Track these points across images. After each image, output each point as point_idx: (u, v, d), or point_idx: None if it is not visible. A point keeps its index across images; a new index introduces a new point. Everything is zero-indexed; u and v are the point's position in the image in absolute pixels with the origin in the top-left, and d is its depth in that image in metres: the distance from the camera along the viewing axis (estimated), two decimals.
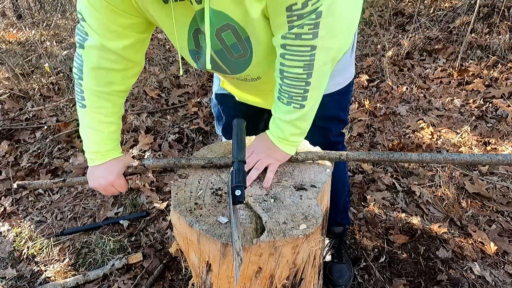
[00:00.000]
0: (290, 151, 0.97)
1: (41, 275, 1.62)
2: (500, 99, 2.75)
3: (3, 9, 5.56)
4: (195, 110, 2.79)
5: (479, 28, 3.57)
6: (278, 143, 0.95)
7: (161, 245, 1.71)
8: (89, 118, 0.99)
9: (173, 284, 1.53)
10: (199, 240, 0.84)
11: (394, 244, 1.66)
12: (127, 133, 2.48)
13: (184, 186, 0.96)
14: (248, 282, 0.88)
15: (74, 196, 2.08)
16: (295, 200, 0.90)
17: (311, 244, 0.87)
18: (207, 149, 1.12)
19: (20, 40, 4.73)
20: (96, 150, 1.02)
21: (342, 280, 1.46)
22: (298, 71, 0.83)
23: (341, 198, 1.46)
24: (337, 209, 1.44)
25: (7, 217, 1.97)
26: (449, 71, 3.20)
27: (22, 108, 2.90)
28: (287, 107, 0.90)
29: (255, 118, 1.34)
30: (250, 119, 1.29)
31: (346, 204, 1.52)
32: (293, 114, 0.90)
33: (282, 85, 0.88)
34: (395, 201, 1.91)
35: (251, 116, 1.29)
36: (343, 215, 1.53)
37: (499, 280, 1.49)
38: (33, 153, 2.41)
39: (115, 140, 1.05)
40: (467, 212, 1.80)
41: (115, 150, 1.05)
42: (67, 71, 3.40)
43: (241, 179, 0.84)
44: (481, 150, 2.27)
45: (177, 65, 3.55)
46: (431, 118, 2.64)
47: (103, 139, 1.01)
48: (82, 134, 1.03)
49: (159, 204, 1.95)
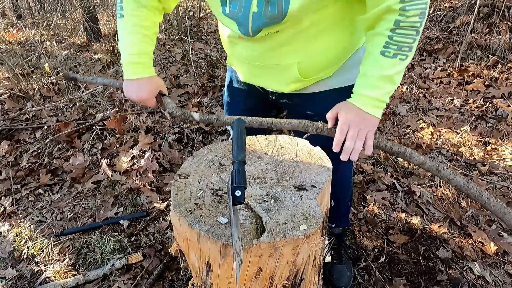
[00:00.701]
0: (379, 114, 0.98)
1: (41, 275, 1.62)
2: (500, 99, 2.75)
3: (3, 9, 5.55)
4: (195, 110, 2.79)
5: (479, 28, 3.57)
6: (371, 108, 0.95)
7: (161, 245, 1.71)
8: (126, 23, 1.08)
9: (173, 284, 1.53)
10: (199, 240, 0.84)
11: (394, 244, 1.66)
12: (127, 133, 2.48)
13: (184, 186, 0.96)
14: (248, 282, 0.88)
15: (74, 196, 2.08)
16: (295, 201, 0.90)
17: (311, 244, 0.87)
18: (207, 149, 1.12)
19: (20, 40, 4.73)
20: (132, 53, 1.08)
21: (342, 281, 1.46)
22: (415, 19, 0.86)
23: (343, 202, 1.46)
24: (337, 212, 1.44)
25: (7, 217, 1.97)
26: (449, 71, 3.21)
27: (22, 108, 2.90)
28: (391, 61, 0.90)
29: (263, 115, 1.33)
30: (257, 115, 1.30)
31: (348, 207, 1.51)
32: (396, 67, 0.91)
33: (394, 37, 0.89)
34: (395, 201, 1.91)
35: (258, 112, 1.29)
36: (343, 218, 1.53)
37: (499, 280, 1.49)
38: (33, 153, 2.41)
39: (148, 56, 1.12)
40: (467, 212, 1.80)
41: (147, 68, 1.12)
42: (67, 71, 3.40)
43: (241, 180, 0.84)
44: (481, 150, 2.27)
45: (177, 65, 3.55)
46: (431, 118, 2.64)
47: (139, 41, 1.09)
48: (120, 46, 1.10)
49: (159, 204, 1.95)
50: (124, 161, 2.21)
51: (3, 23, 5.45)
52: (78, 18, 4.84)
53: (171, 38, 4.21)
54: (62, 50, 4.03)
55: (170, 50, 3.93)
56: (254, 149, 1.11)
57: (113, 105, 2.82)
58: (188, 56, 3.66)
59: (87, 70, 3.48)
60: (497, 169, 2.09)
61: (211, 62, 3.59)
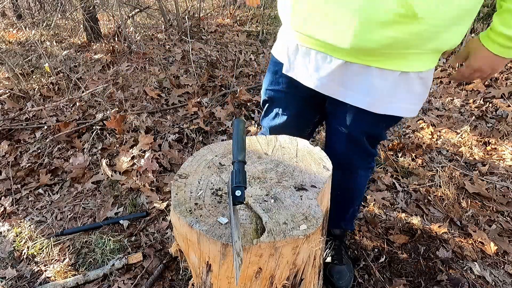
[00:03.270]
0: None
1: (41, 275, 1.62)
2: (500, 99, 2.75)
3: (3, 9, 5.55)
4: (195, 110, 2.79)
5: (479, 28, 3.57)
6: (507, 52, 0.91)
7: (161, 245, 1.71)
8: None
9: (173, 284, 1.53)
10: (199, 240, 0.84)
11: (394, 244, 1.66)
12: (127, 133, 2.48)
13: (184, 186, 0.96)
14: (248, 282, 0.88)
15: (74, 196, 2.08)
16: (295, 201, 0.90)
17: (311, 244, 0.87)
18: (207, 149, 1.12)
19: (20, 40, 4.73)
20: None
21: (343, 282, 1.45)
22: None
23: (351, 206, 1.42)
24: (343, 215, 1.43)
25: (7, 217, 1.97)
26: (449, 71, 3.20)
27: (22, 108, 2.90)
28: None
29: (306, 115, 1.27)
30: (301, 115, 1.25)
31: (355, 212, 1.47)
32: None
33: None
34: (395, 201, 1.91)
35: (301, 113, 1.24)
36: (349, 222, 1.50)
37: (499, 280, 1.49)
38: (33, 153, 2.41)
39: None
40: (467, 212, 1.80)
41: None
42: (67, 71, 3.40)
43: (241, 180, 0.84)
44: (481, 150, 2.27)
45: (177, 65, 3.55)
46: (431, 118, 2.64)
47: None
48: None
49: (159, 204, 1.95)
50: (124, 161, 2.21)
51: (3, 23, 5.45)
52: (78, 18, 4.84)
53: (171, 38, 4.21)
54: (62, 50, 4.03)
55: (170, 50, 3.93)
56: (254, 149, 1.11)
57: (113, 105, 2.82)
58: (188, 56, 3.66)
59: (87, 70, 3.48)
60: (497, 169, 2.09)
61: (211, 62, 3.59)
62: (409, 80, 0.96)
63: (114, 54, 3.78)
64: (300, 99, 1.22)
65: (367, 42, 0.86)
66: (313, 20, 0.92)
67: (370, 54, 0.92)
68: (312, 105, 1.23)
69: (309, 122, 1.32)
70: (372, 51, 0.89)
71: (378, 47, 0.87)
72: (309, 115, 1.29)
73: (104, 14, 4.86)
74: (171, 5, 5.23)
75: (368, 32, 0.84)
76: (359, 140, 1.16)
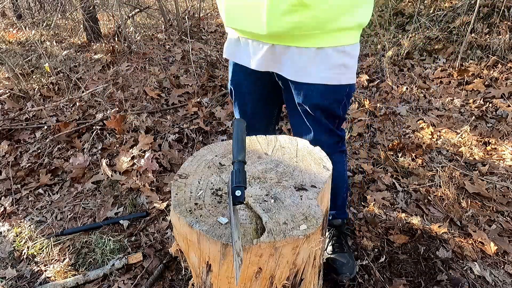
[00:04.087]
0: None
1: (41, 275, 1.62)
2: (500, 99, 2.75)
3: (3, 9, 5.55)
4: (195, 110, 2.79)
5: (479, 28, 3.57)
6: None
7: (161, 245, 1.71)
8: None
9: (173, 284, 1.53)
10: (199, 240, 0.84)
11: (394, 244, 1.66)
12: (127, 133, 2.48)
13: (184, 186, 0.96)
14: (248, 282, 0.88)
15: (74, 196, 2.08)
16: (295, 201, 0.90)
17: (311, 244, 0.87)
18: (207, 149, 1.12)
19: (20, 40, 4.73)
20: None
21: (346, 268, 1.43)
22: None
23: (338, 194, 1.47)
24: (333, 204, 1.44)
25: (7, 217, 1.97)
26: (449, 71, 3.21)
27: (22, 108, 2.90)
28: None
29: (269, 105, 1.44)
30: (264, 105, 1.43)
31: (344, 200, 1.54)
32: None
33: None
34: (395, 201, 1.91)
35: (264, 104, 1.41)
36: (340, 210, 1.55)
37: (499, 280, 1.49)
38: (33, 153, 2.41)
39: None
40: (467, 212, 1.80)
41: None
42: (67, 71, 3.40)
43: (241, 180, 0.84)
44: (481, 150, 2.27)
45: (177, 65, 3.56)
46: (431, 118, 2.64)
47: None
48: None
49: (159, 204, 1.95)
50: (124, 161, 2.21)
51: (3, 23, 5.45)
52: (78, 18, 4.84)
53: (171, 38, 4.21)
54: (62, 50, 4.03)
55: (170, 50, 3.93)
56: (254, 149, 1.11)
57: (113, 105, 2.82)
58: (188, 56, 3.66)
59: (87, 70, 3.48)
60: (497, 169, 2.09)
61: (211, 62, 3.59)
62: (326, 54, 1.13)
63: (114, 54, 3.78)
64: (260, 85, 1.36)
65: (277, 28, 1.08)
66: (239, 16, 1.16)
67: (284, 37, 1.12)
68: (268, 85, 1.37)
69: (272, 102, 1.46)
70: (283, 34, 1.10)
71: (287, 31, 1.08)
72: (270, 97, 1.43)
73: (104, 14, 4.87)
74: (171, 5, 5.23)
75: (275, 20, 1.06)
76: (316, 115, 1.25)
